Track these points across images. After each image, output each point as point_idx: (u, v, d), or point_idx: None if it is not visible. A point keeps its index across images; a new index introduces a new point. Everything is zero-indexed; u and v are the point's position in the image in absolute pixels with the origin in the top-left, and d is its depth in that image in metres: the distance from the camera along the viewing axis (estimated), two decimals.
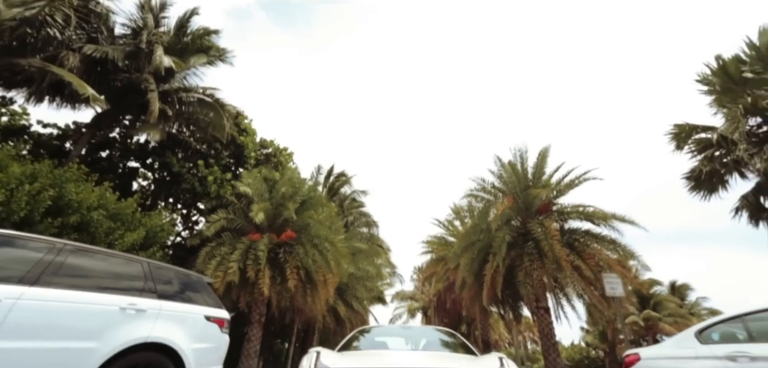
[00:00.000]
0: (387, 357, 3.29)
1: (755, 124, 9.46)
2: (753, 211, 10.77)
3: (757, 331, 3.27)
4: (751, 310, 3.43)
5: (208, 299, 4.51)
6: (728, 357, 3.22)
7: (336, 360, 2.75)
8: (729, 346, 3.31)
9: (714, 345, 3.44)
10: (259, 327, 11.26)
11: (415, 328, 5.25)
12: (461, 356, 3.52)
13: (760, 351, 3.07)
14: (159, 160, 12.91)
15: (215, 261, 10.25)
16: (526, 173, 11.82)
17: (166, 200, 14.24)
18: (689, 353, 3.54)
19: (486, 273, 10.61)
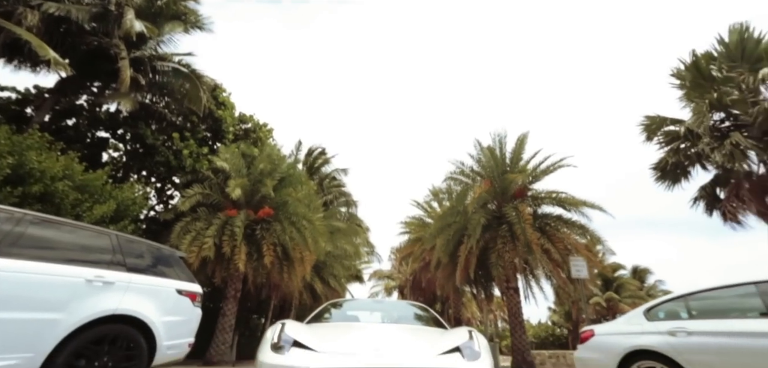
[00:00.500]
0: (356, 330, 3.23)
1: (719, 119, 9.99)
2: (709, 201, 11.48)
3: (695, 309, 3.59)
4: (691, 291, 3.74)
5: (180, 273, 4.48)
6: (669, 332, 3.52)
7: (301, 332, 2.63)
8: (671, 323, 3.61)
9: (658, 321, 3.75)
10: (235, 303, 11.27)
11: (388, 302, 5.61)
12: (432, 329, 3.46)
13: (695, 327, 3.38)
14: (131, 131, 12.39)
15: (190, 236, 10.08)
16: (504, 158, 12.09)
17: (139, 173, 13.76)
18: (637, 328, 3.84)
19: (460, 254, 10.93)
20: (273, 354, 2.33)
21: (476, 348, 2.52)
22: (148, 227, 13.05)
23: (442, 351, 2.46)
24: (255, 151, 13.27)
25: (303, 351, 2.35)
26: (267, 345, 2.46)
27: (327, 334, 2.86)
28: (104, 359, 3.36)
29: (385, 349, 2.43)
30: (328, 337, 2.72)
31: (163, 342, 3.85)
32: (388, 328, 3.32)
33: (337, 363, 2.21)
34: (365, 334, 2.94)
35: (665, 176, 11.19)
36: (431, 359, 2.37)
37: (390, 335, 2.93)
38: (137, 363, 3.59)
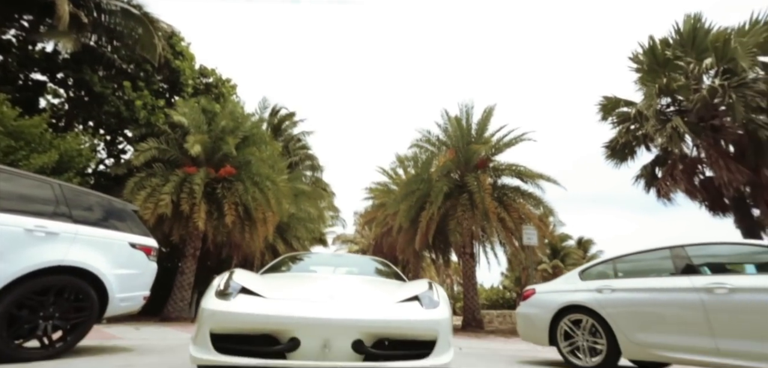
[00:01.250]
0: (311, 280, 3.04)
1: (665, 104, 10.80)
2: (648, 180, 12.59)
3: (620, 270, 4.07)
4: (618, 255, 4.23)
5: (134, 227, 4.33)
6: (597, 289, 3.99)
7: (251, 280, 2.43)
8: (599, 282, 4.08)
9: (590, 281, 4.21)
10: (194, 261, 11.04)
11: (349, 256, 5.26)
12: (391, 280, 3.40)
13: (618, 285, 3.86)
14: (74, 76, 11.26)
15: (145, 192, 9.61)
16: (469, 129, 12.42)
17: (85, 123, 12.65)
18: (572, 287, 4.30)
19: (422, 220, 11.34)
20: (217, 301, 2.13)
21: (435, 298, 2.41)
22: (97, 182, 12.23)
23: (400, 300, 2.37)
24: (217, 108, 12.62)
25: (250, 297, 2.18)
26: (212, 292, 2.24)
27: (279, 283, 2.71)
28: (50, 310, 3.27)
29: (341, 297, 2.33)
30: (280, 286, 2.58)
31: (116, 294, 3.77)
32: (345, 278, 3.14)
33: (286, 310, 2.04)
34: (321, 284, 2.77)
35: (614, 154, 12.07)
36: (388, 307, 2.27)
37: (347, 284, 2.79)
38: (87, 315, 3.51)
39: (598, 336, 3.86)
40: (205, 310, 2.12)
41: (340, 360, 1.97)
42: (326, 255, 5.40)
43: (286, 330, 1.97)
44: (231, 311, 2.06)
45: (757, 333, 2.87)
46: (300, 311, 2.02)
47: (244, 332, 2.04)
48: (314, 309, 2.04)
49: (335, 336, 1.98)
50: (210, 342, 2.00)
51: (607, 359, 3.72)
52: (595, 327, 3.89)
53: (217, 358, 1.97)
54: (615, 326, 3.68)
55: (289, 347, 1.95)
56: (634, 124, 11.48)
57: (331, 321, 2.00)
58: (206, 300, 2.21)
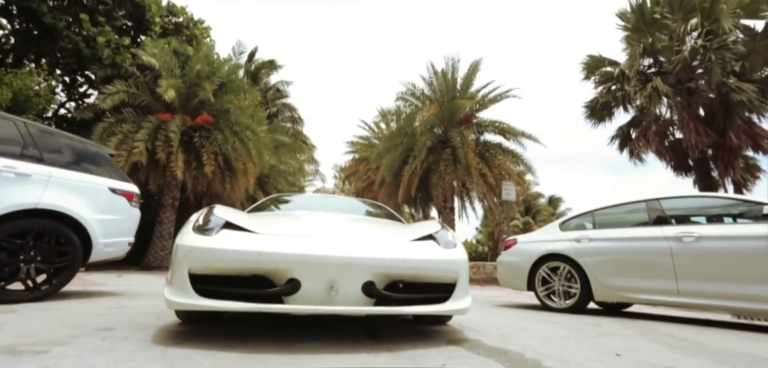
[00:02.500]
0: (306, 218, 2.60)
1: (647, 64, 11.00)
2: (623, 140, 13.09)
3: (598, 222, 4.32)
4: (596, 208, 4.47)
5: (111, 172, 4.12)
6: (575, 239, 4.24)
7: (235, 216, 2.07)
8: (578, 232, 4.33)
9: (569, 231, 4.46)
10: (173, 211, 10.78)
11: (340, 198, 4.27)
12: (394, 222, 3.05)
13: (596, 235, 4.11)
14: (18, 4, 10.06)
15: (116, 139, 9.08)
16: (455, 83, 12.29)
17: (37, 60, 11.51)
18: (551, 237, 4.55)
19: (404, 174, 11.45)
20: (196, 236, 1.77)
21: (451, 238, 2.15)
22: (58, 126, 11.39)
23: (413, 238, 2.09)
24: (189, 50, 11.76)
25: (237, 233, 1.82)
26: (189, 227, 1.88)
27: (270, 220, 2.34)
28: (30, 253, 3.16)
29: (347, 234, 2.06)
30: (272, 223, 2.23)
31: (99, 239, 3.66)
32: (346, 217, 2.74)
33: (283, 246, 1.70)
34: (320, 221, 2.41)
35: (594, 114, 12.37)
36: (402, 246, 1.99)
37: (350, 224, 2.42)
38: (71, 259, 3.42)
39: (572, 282, 4.16)
40: (180, 247, 1.75)
41: (348, 304, 1.70)
42: (315, 196, 4.69)
43: (283, 270, 1.65)
44: (214, 247, 1.69)
45: (715, 275, 3.18)
46: (301, 248, 1.70)
47: (230, 272, 1.69)
48: (318, 246, 1.74)
49: (343, 277, 1.67)
50: (189, 283, 1.65)
51: (579, 302, 4.04)
52: (570, 273, 4.18)
53: (199, 302, 1.63)
54: (590, 272, 3.97)
55: (287, 290, 1.63)
56: (616, 84, 11.70)
57: (339, 259, 1.69)
58: (183, 235, 1.83)
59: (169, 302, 1.73)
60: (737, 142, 9.83)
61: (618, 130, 13.13)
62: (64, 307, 2.90)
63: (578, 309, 4.06)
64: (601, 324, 3.20)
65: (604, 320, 3.51)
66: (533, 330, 2.57)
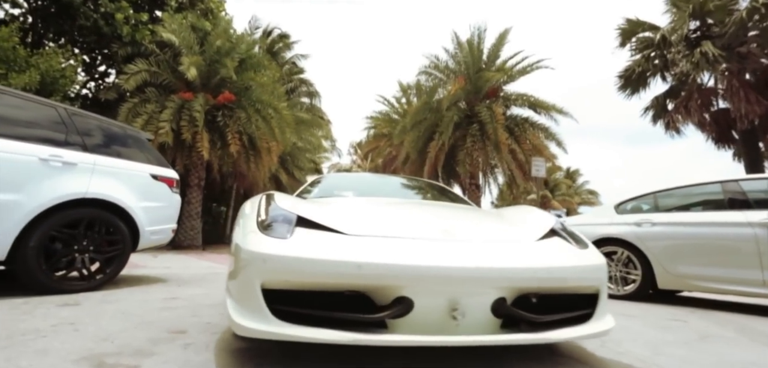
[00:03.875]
0: (387, 207, 2.06)
1: (694, 27, 10.19)
2: (658, 112, 12.42)
3: (661, 205, 4.03)
4: (658, 190, 4.16)
5: (151, 157, 4.02)
6: (635, 223, 3.98)
7: (305, 208, 1.65)
8: (638, 216, 4.06)
9: (627, 214, 4.20)
10: (199, 191, 10.85)
11: (395, 179, 3.48)
12: (485, 210, 2.55)
13: (660, 219, 3.83)
14: None
15: (142, 120, 9.05)
16: (480, 54, 11.71)
17: (56, 40, 11.43)
18: (606, 220, 4.29)
19: (430, 151, 11.15)
20: (267, 239, 1.35)
21: (578, 234, 1.74)
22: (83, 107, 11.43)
23: (539, 237, 1.63)
24: (207, 25, 11.47)
25: (318, 233, 1.41)
26: (251, 224, 1.48)
27: (348, 213, 1.78)
28: (83, 242, 3.12)
29: (463, 235, 1.56)
30: (354, 217, 1.68)
31: (145, 227, 3.61)
32: (433, 206, 2.27)
33: (392, 254, 1.29)
34: (408, 213, 1.93)
35: (628, 84, 11.70)
36: (531, 248, 1.54)
37: (452, 216, 1.94)
38: (121, 248, 3.38)
39: (631, 268, 3.94)
40: (246, 252, 1.33)
41: (475, 331, 1.28)
42: (368, 177, 3.88)
43: (390, 287, 1.23)
44: (297, 255, 1.26)
45: None
46: (413, 256, 1.28)
47: (318, 288, 1.27)
48: (434, 253, 1.32)
49: (470, 294, 1.26)
50: (263, 302, 1.24)
51: (640, 288, 3.83)
52: (629, 258, 3.95)
53: (280, 330, 1.21)
54: (653, 258, 3.72)
55: (397, 311, 1.21)
56: (656, 50, 10.94)
57: (467, 271, 1.27)
58: (246, 235, 1.42)
59: (239, 327, 1.26)
60: None
61: (653, 100, 12.44)
62: (121, 298, 2.86)
63: (638, 296, 3.85)
64: (679, 316, 2.99)
65: (676, 311, 3.29)
66: (622, 329, 2.38)
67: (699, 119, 10.37)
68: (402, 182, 3.33)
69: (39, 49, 9.72)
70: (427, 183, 3.49)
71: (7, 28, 7.62)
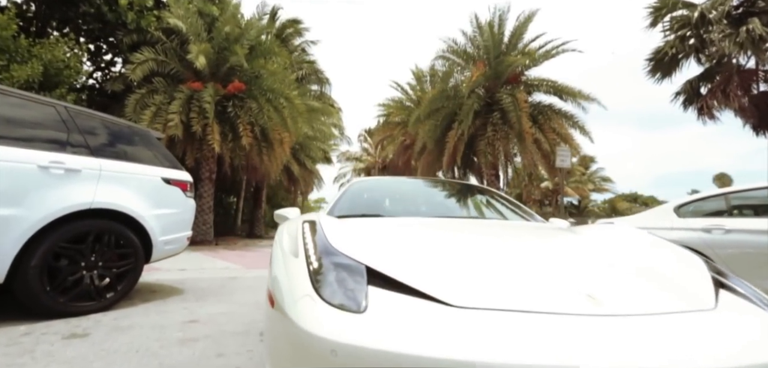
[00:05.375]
0: (489, 254, 1.33)
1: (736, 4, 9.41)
2: (689, 97, 11.69)
3: (736, 207, 3.56)
4: (728, 190, 3.67)
5: (162, 159, 3.65)
6: (703, 229, 3.50)
7: (353, 240, 1.26)
8: (705, 220, 3.58)
9: (690, 218, 3.73)
10: (211, 184, 10.56)
11: (429, 184, 2.93)
12: (605, 247, 1.56)
13: (735, 225, 3.35)
14: None
15: (150, 112, 8.69)
16: (501, 38, 11.06)
17: (60, 28, 11.06)
18: (667, 224, 3.82)
19: (449, 140, 10.65)
20: (330, 312, 0.92)
21: (749, 285, 1.21)
22: (90, 99, 11.13)
23: (711, 296, 1.07)
24: (214, 10, 10.99)
25: (404, 299, 0.96)
26: (300, 278, 1.06)
27: (424, 252, 1.27)
28: (92, 258, 2.78)
29: (608, 295, 1.02)
30: (438, 261, 1.19)
31: (159, 237, 3.27)
32: (530, 236, 1.66)
33: (540, 351, 0.80)
34: (517, 257, 1.32)
35: (659, 67, 10.98)
36: (722, 318, 0.98)
37: (564, 257, 1.39)
38: (133, 262, 3.04)
39: None
40: (306, 337, 0.89)
41: None
42: (409, 183, 3.07)
43: None
44: (383, 349, 0.81)
45: None
46: (566, 352, 0.80)
47: None
48: (597, 347, 0.82)
49: None
50: None
51: None
52: None
53: None
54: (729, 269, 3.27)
55: None
56: (692, 30, 10.18)
57: None
58: (300, 305, 0.97)
59: None
60: None
61: (685, 84, 11.69)
62: (134, 324, 2.52)
63: None
64: None
65: None
66: None
67: (740, 104, 9.67)
68: (446, 189, 2.83)
69: (42, 38, 9.38)
70: (477, 187, 3.00)
71: (5, 15, 7.23)
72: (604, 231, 1.79)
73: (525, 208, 2.60)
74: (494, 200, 2.65)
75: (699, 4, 9.89)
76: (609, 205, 42.56)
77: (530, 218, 2.34)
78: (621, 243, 1.60)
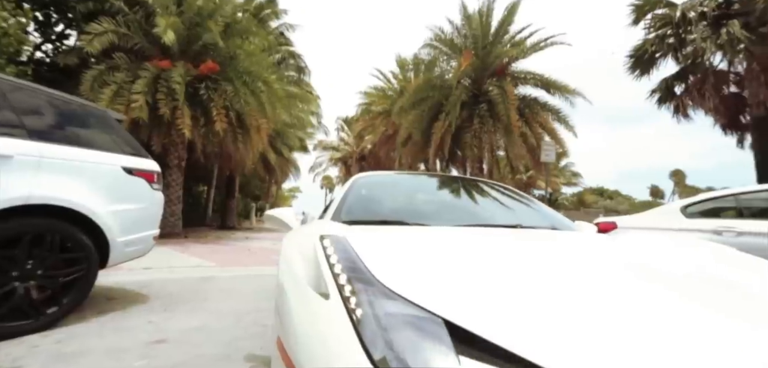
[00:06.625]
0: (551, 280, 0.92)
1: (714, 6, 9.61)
2: (664, 95, 11.96)
3: (745, 209, 3.45)
4: (738, 191, 3.57)
5: (123, 144, 3.09)
6: (714, 230, 3.37)
7: (413, 275, 0.84)
8: (715, 221, 3.46)
9: (699, 219, 3.60)
10: (180, 172, 9.74)
11: (437, 180, 2.60)
12: None
13: (748, 227, 3.23)
14: None
15: (110, 91, 7.80)
16: (489, 28, 10.83)
17: None
18: (675, 225, 3.68)
19: (435, 132, 10.36)
20: None
21: None
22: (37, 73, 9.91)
23: None
24: None
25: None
26: (340, 340, 0.67)
27: (506, 294, 0.79)
28: (27, 266, 2.24)
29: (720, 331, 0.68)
30: (536, 311, 0.73)
31: (118, 238, 2.74)
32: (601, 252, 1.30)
33: None
34: (608, 290, 0.88)
35: (639, 64, 11.12)
36: None
37: (648, 281, 1.01)
38: (84, 269, 2.51)
39: None
40: None
41: None
42: (424, 180, 2.74)
43: None
44: None
45: None
46: None
47: None
48: None
49: None
50: None
51: None
52: None
53: None
54: None
55: None
56: (672, 29, 10.34)
57: None
58: None
59: None
60: None
61: (661, 82, 11.96)
62: (84, 348, 2.03)
63: None
64: None
65: None
66: None
67: (714, 104, 9.97)
68: (462, 187, 2.34)
69: None
70: (491, 184, 2.56)
71: None
72: (706, 252, 1.42)
73: (551, 209, 2.25)
74: (518, 200, 2.27)
75: (680, 3, 10.04)
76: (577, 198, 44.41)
77: (564, 224, 1.96)
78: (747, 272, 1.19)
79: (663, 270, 1.14)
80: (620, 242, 1.56)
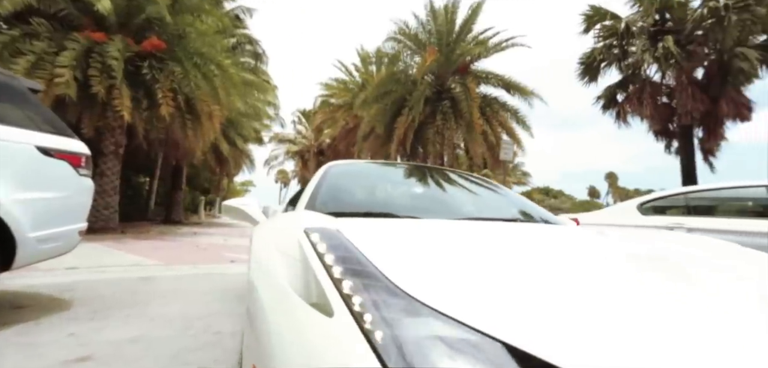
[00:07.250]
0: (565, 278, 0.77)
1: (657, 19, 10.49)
2: (607, 102, 12.96)
3: (696, 207, 3.70)
4: (689, 189, 3.83)
5: (39, 120, 2.55)
6: (666, 227, 3.58)
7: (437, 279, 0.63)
8: (668, 218, 3.68)
9: (653, 216, 3.82)
10: (117, 159, 8.65)
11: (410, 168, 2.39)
12: None
13: (697, 224, 3.46)
14: None
15: (25, 61, 6.67)
16: (453, 25, 10.93)
17: None
18: (630, 221, 3.87)
19: (398, 126, 10.26)
20: None
21: None
22: None
23: None
24: None
25: None
26: None
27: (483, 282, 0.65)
28: None
29: None
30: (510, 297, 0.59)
31: (28, 233, 2.24)
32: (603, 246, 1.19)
33: None
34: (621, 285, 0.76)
35: (587, 71, 11.91)
36: None
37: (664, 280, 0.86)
38: None
39: None
40: None
41: None
42: (387, 170, 2.42)
43: None
44: None
45: None
46: None
47: None
48: None
49: None
50: None
51: None
52: None
53: None
54: None
55: None
56: (617, 39, 11.18)
57: None
58: None
59: None
60: (726, 110, 10.00)
61: (605, 90, 12.93)
62: None
63: None
64: None
65: None
66: None
67: (650, 112, 10.93)
68: (439, 178, 2.20)
69: None
70: (467, 174, 2.45)
71: None
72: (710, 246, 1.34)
73: (533, 203, 2.17)
74: (503, 194, 2.14)
75: (624, 17, 10.88)
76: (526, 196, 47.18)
77: (553, 218, 1.88)
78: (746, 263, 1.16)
79: (669, 261, 1.08)
80: (615, 236, 1.47)
